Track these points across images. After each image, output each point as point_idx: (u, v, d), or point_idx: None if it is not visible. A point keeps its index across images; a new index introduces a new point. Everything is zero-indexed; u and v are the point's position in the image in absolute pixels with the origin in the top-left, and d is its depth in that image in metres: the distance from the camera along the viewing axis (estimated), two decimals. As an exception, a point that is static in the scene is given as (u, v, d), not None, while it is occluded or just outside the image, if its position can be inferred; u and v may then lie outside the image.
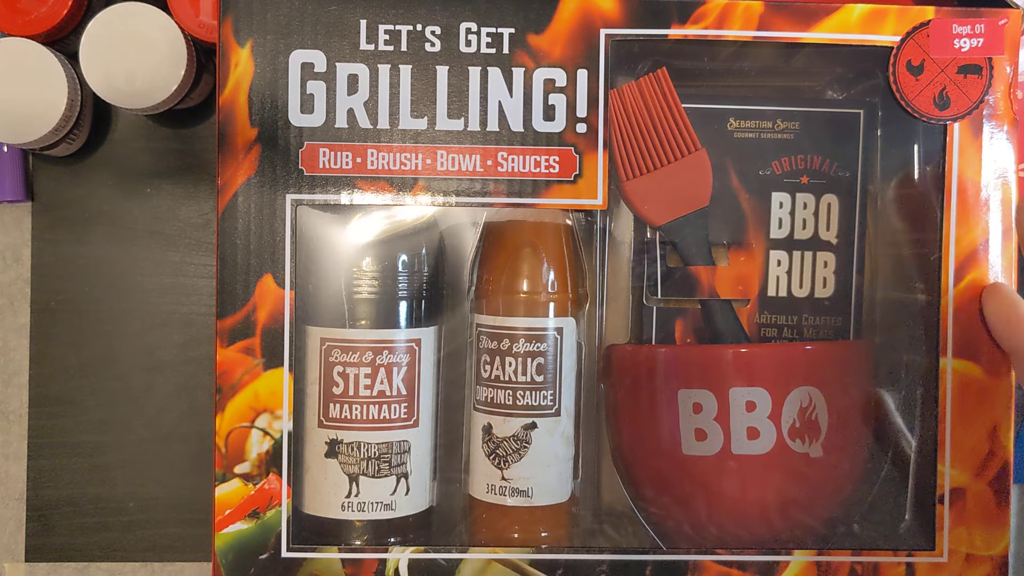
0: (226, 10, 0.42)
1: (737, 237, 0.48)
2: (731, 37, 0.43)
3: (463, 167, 0.42)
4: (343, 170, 0.42)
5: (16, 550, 0.55)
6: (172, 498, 0.55)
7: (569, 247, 0.46)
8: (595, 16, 0.43)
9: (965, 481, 0.43)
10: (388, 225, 0.45)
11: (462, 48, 0.42)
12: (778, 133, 0.48)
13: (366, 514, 0.44)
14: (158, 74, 0.49)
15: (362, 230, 0.45)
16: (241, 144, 0.42)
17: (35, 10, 0.50)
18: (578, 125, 0.43)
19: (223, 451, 0.42)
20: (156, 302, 0.55)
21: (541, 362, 0.44)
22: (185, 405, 0.55)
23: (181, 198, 0.55)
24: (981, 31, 0.43)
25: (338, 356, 0.44)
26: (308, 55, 0.42)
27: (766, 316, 0.49)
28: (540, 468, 0.44)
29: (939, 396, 0.43)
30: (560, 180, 0.43)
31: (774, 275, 0.49)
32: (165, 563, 0.55)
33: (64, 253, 0.55)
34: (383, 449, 0.44)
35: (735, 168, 0.48)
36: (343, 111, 0.42)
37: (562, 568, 0.43)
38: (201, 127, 0.55)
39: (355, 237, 0.44)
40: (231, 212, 0.42)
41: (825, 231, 0.49)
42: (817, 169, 0.48)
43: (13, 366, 0.55)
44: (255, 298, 0.42)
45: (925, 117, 0.44)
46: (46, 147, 0.51)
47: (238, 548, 0.42)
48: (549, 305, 0.45)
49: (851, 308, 0.49)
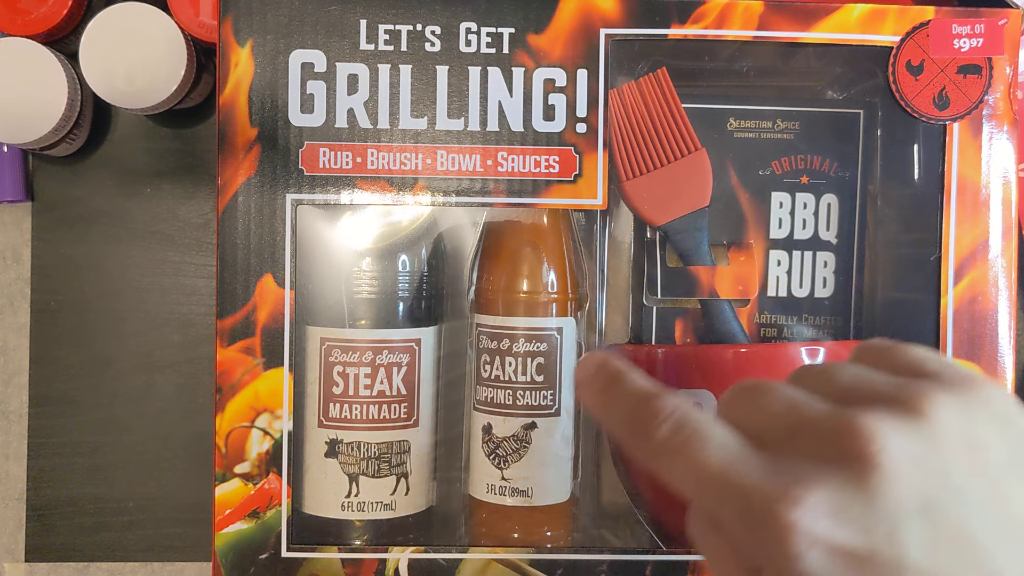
0: (226, 10, 0.42)
1: (737, 237, 0.48)
2: (731, 37, 0.43)
3: (463, 167, 0.42)
4: (343, 170, 0.42)
5: (16, 550, 0.55)
6: (172, 498, 0.55)
7: (569, 247, 0.46)
8: (595, 16, 0.43)
9: (965, 481, 0.43)
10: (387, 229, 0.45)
11: (462, 48, 0.42)
12: (778, 133, 0.48)
13: (366, 514, 0.44)
14: (158, 74, 0.49)
15: (362, 230, 0.45)
16: (241, 144, 0.42)
17: (35, 10, 0.50)
18: (578, 125, 0.43)
19: (223, 451, 0.42)
20: (156, 302, 0.55)
21: (541, 362, 0.44)
22: (185, 405, 0.55)
23: (181, 198, 0.55)
24: (981, 31, 0.43)
25: (338, 356, 0.44)
26: (308, 55, 0.42)
27: (766, 316, 0.49)
28: (540, 468, 0.44)
29: (939, 396, 0.43)
30: (560, 180, 0.43)
31: (774, 275, 0.49)
32: (165, 563, 0.55)
33: (64, 253, 0.55)
34: (383, 449, 0.44)
35: (735, 168, 0.48)
36: (343, 111, 0.42)
37: (562, 568, 0.43)
38: (201, 127, 0.55)
39: (355, 237, 0.44)
40: (231, 212, 0.42)
41: (825, 231, 0.49)
42: (817, 169, 0.48)
43: (13, 366, 0.55)
44: (255, 298, 0.42)
45: (925, 117, 0.44)
46: (46, 147, 0.51)
47: (238, 548, 0.42)
48: (549, 305, 0.45)
49: (851, 308, 0.49)
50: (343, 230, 0.45)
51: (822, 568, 0.26)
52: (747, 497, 0.27)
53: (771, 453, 0.28)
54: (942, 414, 0.27)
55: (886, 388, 0.28)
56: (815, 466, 0.27)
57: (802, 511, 0.26)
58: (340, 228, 0.44)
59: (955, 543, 0.25)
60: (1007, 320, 0.43)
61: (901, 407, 0.27)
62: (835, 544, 0.26)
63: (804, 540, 0.26)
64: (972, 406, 0.27)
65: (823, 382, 0.30)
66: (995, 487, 0.26)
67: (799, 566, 0.26)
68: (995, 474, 0.27)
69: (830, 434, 0.27)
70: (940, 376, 0.28)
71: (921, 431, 0.26)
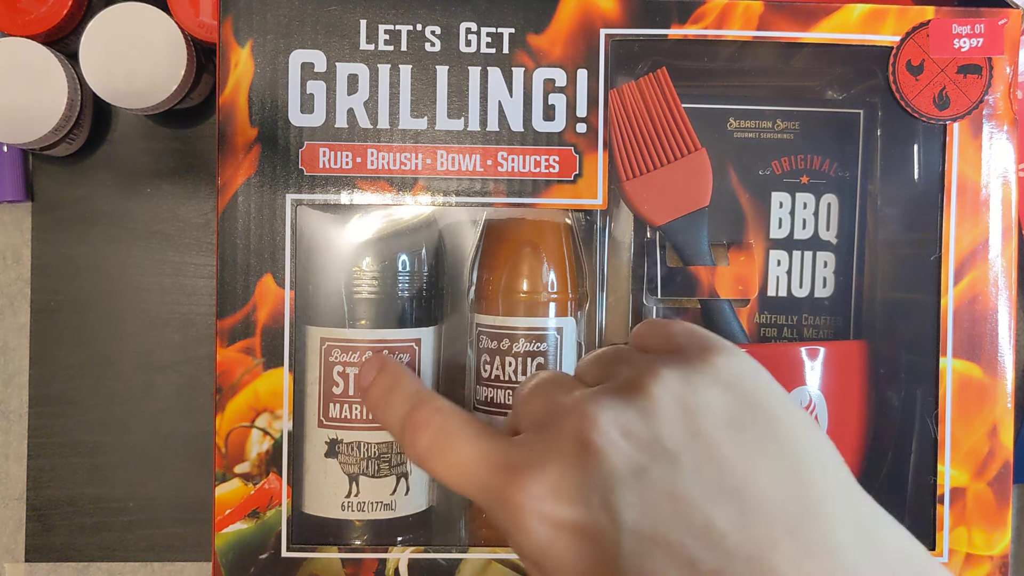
0: (226, 10, 0.42)
1: (737, 237, 0.48)
2: (731, 37, 0.43)
3: (463, 167, 0.42)
4: (343, 170, 0.42)
5: (16, 550, 0.55)
6: (172, 498, 0.55)
7: (569, 247, 0.46)
8: (595, 16, 0.43)
9: (965, 481, 0.43)
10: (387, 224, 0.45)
11: (462, 48, 0.42)
12: (778, 133, 0.48)
13: (366, 514, 0.44)
14: (158, 74, 0.49)
15: (362, 230, 0.45)
16: (241, 144, 0.42)
17: (35, 10, 0.50)
18: (578, 125, 0.43)
19: (223, 451, 0.42)
20: (156, 302, 0.55)
21: (541, 362, 0.44)
22: (185, 405, 0.55)
23: (181, 198, 0.55)
24: (981, 31, 0.43)
25: (338, 356, 0.44)
26: (308, 55, 0.42)
27: (766, 316, 0.49)
28: (540, 468, 0.44)
29: (939, 396, 0.43)
30: (560, 180, 0.43)
31: (774, 275, 0.49)
32: (165, 563, 0.55)
33: (64, 253, 0.55)
34: (383, 449, 0.44)
35: (735, 168, 0.48)
36: (343, 111, 0.42)
37: (562, 568, 0.43)
38: (201, 127, 0.55)
39: (355, 237, 0.44)
40: (231, 212, 0.42)
41: (825, 231, 0.49)
42: (817, 169, 0.48)
43: (13, 366, 0.55)
44: (255, 298, 0.42)
45: (925, 117, 0.44)
46: (46, 147, 0.51)
47: (238, 548, 0.42)
48: (549, 305, 0.45)
49: (851, 308, 0.49)
50: (343, 230, 0.45)
51: (554, 543, 0.29)
52: (487, 485, 0.31)
53: (516, 444, 0.31)
54: (661, 387, 0.29)
55: (626, 370, 0.31)
56: (546, 450, 0.30)
57: (527, 492, 0.29)
58: (340, 228, 0.44)
59: (667, 503, 0.27)
60: (1007, 320, 0.43)
61: (627, 386, 0.30)
62: (560, 519, 0.29)
63: (533, 518, 0.29)
64: (696, 376, 0.30)
65: (595, 371, 0.33)
66: (710, 448, 0.28)
67: (533, 543, 0.29)
68: (712, 436, 0.29)
69: (562, 420, 0.30)
70: (680, 350, 0.31)
71: (636, 405, 0.29)
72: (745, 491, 0.27)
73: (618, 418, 0.29)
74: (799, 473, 0.28)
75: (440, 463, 0.33)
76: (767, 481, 0.28)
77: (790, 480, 0.28)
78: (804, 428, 0.30)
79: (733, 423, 0.29)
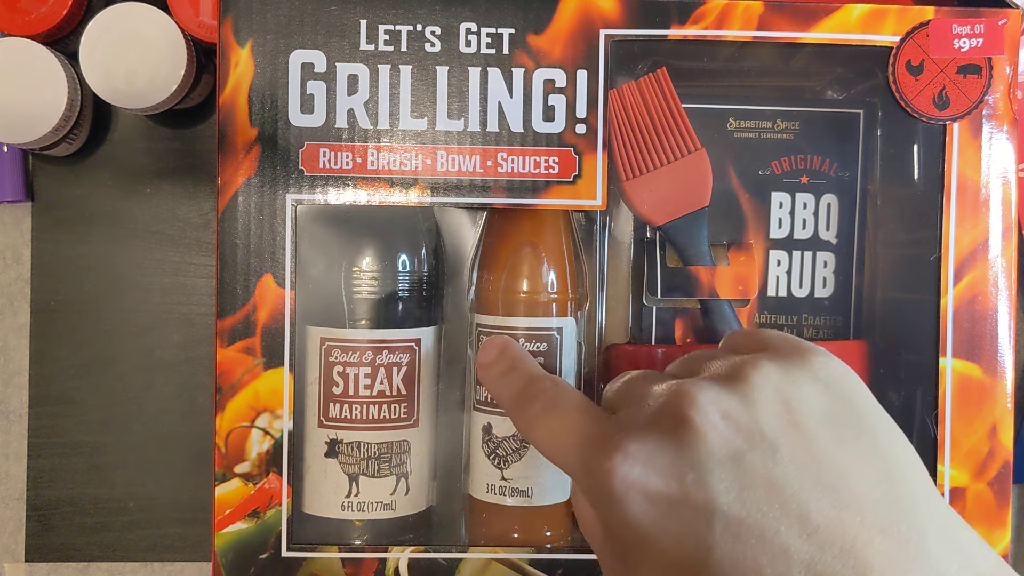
0: (226, 10, 0.42)
1: (737, 237, 0.48)
2: (731, 37, 0.43)
3: (463, 167, 0.42)
4: (343, 170, 0.42)
5: (16, 550, 0.55)
6: (172, 498, 0.55)
7: (569, 247, 0.46)
8: (595, 16, 0.43)
9: (965, 481, 0.43)
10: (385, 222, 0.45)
11: (462, 48, 0.42)
12: (778, 133, 0.48)
13: (366, 514, 0.44)
14: (158, 74, 0.49)
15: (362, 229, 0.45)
16: (241, 144, 0.42)
17: (35, 10, 0.50)
18: (578, 126, 0.43)
19: (223, 451, 0.42)
20: (156, 302, 0.55)
21: (541, 362, 0.44)
22: (185, 405, 0.55)
23: (181, 198, 0.55)
24: (981, 31, 0.43)
25: (338, 356, 0.44)
26: (308, 55, 0.42)
27: (766, 316, 0.49)
28: (540, 468, 0.44)
29: (939, 396, 0.43)
30: (560, 180, 0.43)
31: (774, 275, 0.49)
32: (165, 563, 0.55)
33: (64, 253, 0.55)
34: (383, 449, 0.44)
35: (735, 168, 0.48)
36: (343, 111, 0.42)
37: (562, 568, 0.43)
38: (201, 127, 0.55)
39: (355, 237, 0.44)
40: (231, 212, 0.42)
41: (825, 231, 0.49)
42: (817, 169, 0.48)
43: (13, 366, 0.55)
44: (255, 298, 0.42)
45: (925, 117, 0.44)
46: (46, 147, 0.51)
47: (238, 548, 0.42)
48: (549, 305, 0.45)
49: (851, 308, 0.49)
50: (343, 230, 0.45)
51: (640, 509, 0.29)
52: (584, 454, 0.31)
53: (615, 418, 0.32)
54: (761, 378, 0.30)
55: (724, 364, 0.32)
56: (645, 423, 0.30)
57: (619, 458, 0.29)
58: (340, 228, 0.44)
59: (763, 489, 0.28)
60: (1007, 320, 0.43)
61: (727, 375, 0.31)
62: (653, 491, 0.29)
63: (621, 483, 0.29)
64: (794, 371, 0.31)
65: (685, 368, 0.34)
66: (808, 441, 0.29)
67: (620, 507, 0.29)
68: (810, 430, 0.29)
69: (661, 399, 0.31)
70: (775, 349, 0.32)
71: (737, 393, 0.30)
72: (841, 486, 0.28)
73: (719, 400, 0.30)
74: (892, 476, 0.29)
75: (544, 430, 0.34)
76: (862, 479, 0.28)
77: (884, 481, 0.28)
78: (896, 434, 0.30)
79: (830, 420, 0.30)
